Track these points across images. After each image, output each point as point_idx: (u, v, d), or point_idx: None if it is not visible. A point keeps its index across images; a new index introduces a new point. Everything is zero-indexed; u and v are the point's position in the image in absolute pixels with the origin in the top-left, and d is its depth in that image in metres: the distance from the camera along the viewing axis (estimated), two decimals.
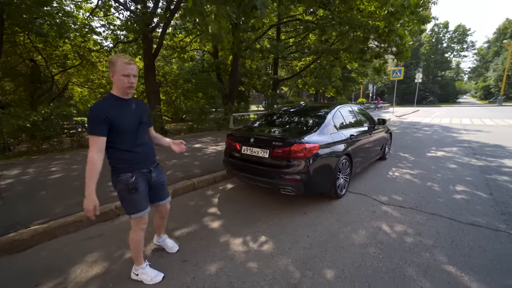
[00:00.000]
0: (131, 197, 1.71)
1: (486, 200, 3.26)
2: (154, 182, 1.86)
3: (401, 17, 7.24)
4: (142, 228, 1.81)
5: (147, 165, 1.80)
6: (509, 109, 22.66)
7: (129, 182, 1.68)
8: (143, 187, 1.75)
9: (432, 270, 1.95)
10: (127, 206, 1.75)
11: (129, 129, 1.66)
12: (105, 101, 1.63)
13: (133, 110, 1.70)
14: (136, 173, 1.72)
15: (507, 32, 42.45)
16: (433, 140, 7.91)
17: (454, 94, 45.01)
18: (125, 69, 1.55)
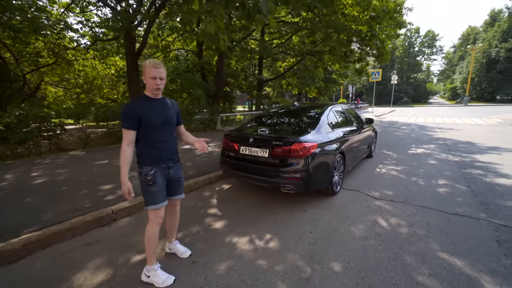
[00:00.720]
0: (149, 189, 1.81)
1: (465, 192, 3.55)
2: (171, 178, 1.95)
3: (382, 22, 7.65)
4: (158, 222, 1.87)
5: (166, 161, 1.89)
6: (474, 108, 24.63)
7: (147, 175, 1.80)
8: (161, 181, 1.84)
9: (429, 258, 2.11)
10: (145, 197, 1.86)
11: (154, 126, 1.79)
12: (138, 100, 1.81)
13: (160, 109, 1.82)
14: (155, 167, 1.82)
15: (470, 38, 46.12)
16: (412, 138, 8.42)
17: (426, 95, 48.02)
18: (152, 72, 1.71)
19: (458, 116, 16.19)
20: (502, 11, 38.89)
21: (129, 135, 1.75)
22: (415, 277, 1.89)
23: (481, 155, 5.68)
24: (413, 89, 45.49)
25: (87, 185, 3.70)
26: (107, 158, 5.44)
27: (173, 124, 1.95)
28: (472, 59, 35.68)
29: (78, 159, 5.50)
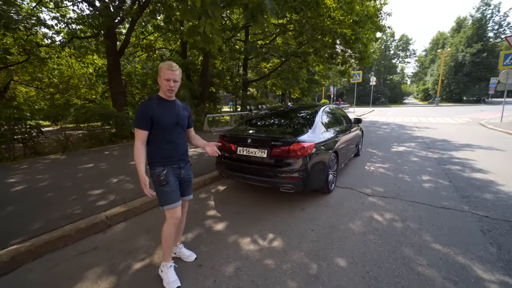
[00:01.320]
0: (162, 189, 1.82)
1: (448, 186, 3.81)
2: (183, 178, 1.96)
3: (364, 26, 7.97)
4: (174, 222, 1.88)
5: (177, 161, 1.90)
6: (444, 108, 26.37)
7: (160, 175, 1.80)
8: (174, 181, 1.86)
9: (425, 249, 2.25)
10: (159, 197, 1.86)
11: (166, 127, 1.81)
12: (151, 101, 1.80)
13: (172, 111, 1.84)
14: (167, 168, 1.83)
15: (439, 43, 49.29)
16: (393, 137, 8.85)
17: (401, 95, 50.59)
18: (167, 74, 1.73)
19: (431, 116, 17.26)
20: (466, 18, 41.97)
21: (142, 135, 1.76)
22: (415, 268, 2.01)
23: (457, 152, 6.11)
24: (390, 90, 47.77)
25: (75, 191, 3.50)
26: (91, 162, 5.17)
27: (184, 126, 1.96)
28: (442, 63, 38.19)
29: (59, 163, 5.18)
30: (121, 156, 5.78)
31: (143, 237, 2.56)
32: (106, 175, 4.21)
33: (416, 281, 1.86)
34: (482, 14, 37.79)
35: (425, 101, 45.39)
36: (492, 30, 38.51)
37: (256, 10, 2.43)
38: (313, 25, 7.34)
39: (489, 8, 37.78)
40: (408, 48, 51.24)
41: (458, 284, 1.81)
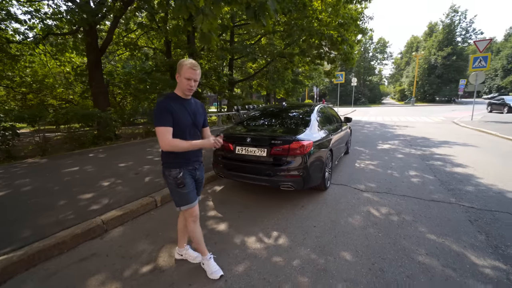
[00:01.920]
0: (179, 191, 1.81)
1: (434, 180, 4.04)
2: (197, 179, 1.96)
3: (349, 28, 8.25)
4: (194, 220, 1.90)
5: (192, 163, 1.88)
6: (420, 108, 27.89)
7: (177, 177, 1.79)
8: (190, 182, 1.85)
9: (422, 240, 2.37)
10: (176, 198, 1.85)
11: (182, 127, 1.76)
12: (169, 99, 1.75)
13: (189, 110, 1.81)
14: (183, 169, 1.81)
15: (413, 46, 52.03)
16: (377, 135, 9.23)
17: (380, 96, 52.75)
18: (188, 73, 1.69)
19: (409, 115, 18.19)
20: (437, 24, 44.69)
21: (167, 133, 1.66)
22: (415, 257, 2.12)
23: (437, 149, 6.49)
24: (369, 91, 49.65)
25: (64, 196, 3.31)
26: (76, 165, 4.90)
27: (200, 125, 1.94)
28: (416, 65, 40.38)
29: (40, 167, 4.86)
30: (108, 158, 5.53)
31: (143, 241, 2.47)
32: (95, 178, 4.01)
33: (419, 269, 1.97)
34: (451, 20, 40.41)
35: (402, 101, 47.69)
36: (460, 35, 41.30)
37: (259, 10, 2.44)
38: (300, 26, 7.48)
39: (457, 14, 40.49)
40: (385, 51, 53.66)
41: (457, 271, 1.94)
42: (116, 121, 8.20)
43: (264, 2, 2.40)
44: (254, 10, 2.44)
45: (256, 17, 2.48)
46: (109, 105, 9.10)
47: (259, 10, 2.42)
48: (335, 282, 1.85)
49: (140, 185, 3.73)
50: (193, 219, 1.89)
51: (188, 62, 1.70)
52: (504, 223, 2.63)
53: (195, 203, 1.88)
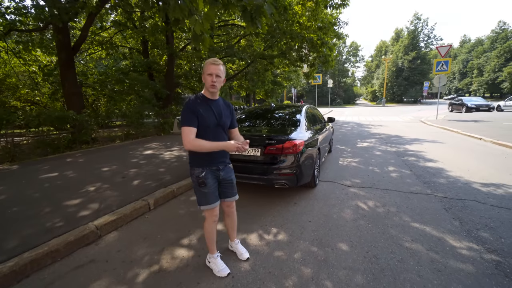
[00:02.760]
0: (201, 190, 1.85)
1: (410, 175, 4.41)
2: (222, 180, 1.95)
3: (327, 32, 8.64)
4: (214, 220, 1.94)
5: (216, 163, 1.89)
6: (390, 108, 29.76)
7: (199, 177, 1.82)
8: (212, 182, 1.86)
9: (406, 228, 2.61)
10: (197, 197, 1.90)
11: (207, 127, 1.79)
12: (195, 99, 1.80)
13: (215, 111, 1.82)
14: (206, 169, 1.84)
15: (382, 50, 55.35)
16: (355, 134, 9.74)
17: (353, 97, 55.44)
18: (209, 68, 1.72)
19: (381, 115, 19.37)
20: (403, 30, 48.07)
21: (190, 133, 1.71)
22: (403, 244, 2.33)
23: (410, 145, 7.04)
24: (344, 92, 51.94)
25: (47, 203, 3.12)
26: (54, 170, 4.60)
27: (226, 127, 1.93)
28: (386, 68, 43.07)
29: (12, 174, 4.49)
30: (89, 162, 5.26)
31: (142, 244, 2.43)
32: (79, 184, 3.82)
33: (407, 254, 2.18)
34: (414, 26, 43.70)
35: (373, 102, 50.54)
36: (423, 41, 44.80)
37: (256, 13, 2.52)
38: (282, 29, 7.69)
39: (420, 22, 43.91)
40: (358, 54, 56.48)
41: (439, 253, 2.17)
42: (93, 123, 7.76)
43: (261, 6, 2.49)
44: (251, 13, 2.51)
45: (253, 20, 2.55)
46: (84, 107, 8.61)
47: (256, 13, 2.50)
48: (336, 271, 1.99)
49: (130, 189, 3.62)
50: (213, 219, 1.93)
51: (210, 59, 1.75)
52: (473, 210, 2.98)
53: (215, 205, 1.89)
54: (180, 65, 14.39)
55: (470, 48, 54.56)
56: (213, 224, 1.95)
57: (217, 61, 1.74)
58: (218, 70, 1.73)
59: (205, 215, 1.95)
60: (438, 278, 1.87)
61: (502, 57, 41.90)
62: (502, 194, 3.42)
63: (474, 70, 49.39)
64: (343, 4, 7.56)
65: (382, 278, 1.89)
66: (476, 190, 3.58)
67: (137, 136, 9.22)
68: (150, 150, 6.52)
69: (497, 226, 2.61)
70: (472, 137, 8.01)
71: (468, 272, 1.93)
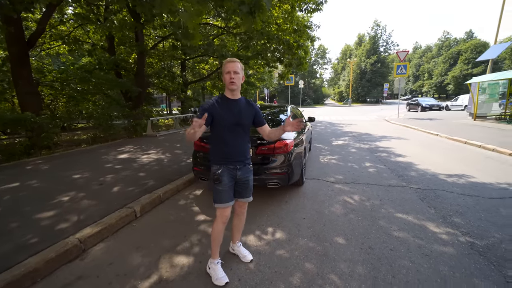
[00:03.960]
0: (216, 187, 1.85)
1: (385, 169, 4.76)
2: (239, 180, 1.93)
3: (302, 35, 8.93)
4: (224, 221, 1.91)
5: (234, 162, 1.88)
6: (356, 108, 31.74)
7: (215, 173, 1.84)
8: (227, 181, 1.85)
9: (392, 218, 2.82)
10: (213, 194, 1.88)
11: (225, 126, 1.81)
12: (215, 99, 1.85)
13: (234, 111, 1.82)
14: (223, 167, 1.85)
15: (347, 53, 58.74)
16: (329, 133, 10.21)
17: (322, 97, 57.94)
18: (227, 67, 1.77)
19: (349, 114, 20.58)
20: (365, 35, 51.62)
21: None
22: (392, 233, 2.52)
23: (380, 142, 7.60)
24: (313, 93, 54.05)
25: (13, 217, 2.75)
26: (14, 180, 4.07)
27: (246, 126, 1.91)
28: (351, 70, 45.85)
29: None
30: (55, 169, 4.75)
31: (135, 254, 2.28)
32: (49, 194, 3.43)
33: (397, 242, 2.35)
34: (375, 32, 47.21)
35: (341, 102, 53.42)
36: (382, 46, 48.59)
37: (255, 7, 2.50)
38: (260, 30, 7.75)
39: (380, 28, 47.58)
40: (325, 56, 59.24)
41: (424, 239, 2.39)
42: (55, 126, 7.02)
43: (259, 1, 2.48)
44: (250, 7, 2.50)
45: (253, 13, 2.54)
46: (42, 108, 7.75)
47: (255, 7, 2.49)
48: (337, 264, 2.08)
49: (111, 196, 3.35)
50: (222, 220, 1.90)
51: (227, 58, 1.80)
52: (443, 198, 3.32)
53: (228, 204, 1.87)
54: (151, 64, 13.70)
55: (421, 54, 60.69)
56: (222, 226, 1.92)
57: (233, 59, 1.79)
58: (235, 67, 1.76)
59: (216, 213, 1.91)
60: (427, 262, 2.06)
61: (447, 62, 47.31)
62: (464, 183, 3.87)
63: (425, 74, 55.05)
64: (317, 8, 7.89)
65: (380, 267, 2.02)
66: (442, 181, 3.99)
67: (106, 139, 8.55)
68: (125, 154, 6.11)
69: (465, 211, 2.95)
70: (431, 134, 8.92)
71: (451, 254, 2.15)
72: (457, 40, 51.13)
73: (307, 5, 7.82)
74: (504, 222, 2.66)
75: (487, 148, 6.13)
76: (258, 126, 2.01)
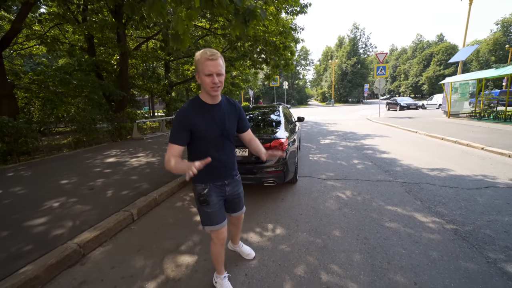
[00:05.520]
0: (203, 209, 1.60)
1: (372, 166, 5.00)
2: (230, 195, 1.71)
3: (288, 36, 9.12)
4: (221, 242, 1.69)
5: (222, 178, 1.63)
6: (338, 108, 32.69)
7: (201, 194, 1.57)
8: (216, 200, 1.61)
9: (383, 210, 3.00)
10: (201, 216, 1.66)
11: (207, 138, 1.49)
12: (191, 107, 1.45)
13: (217, 119, 1.49)
14: (210, 186, 1.58)
15: (328, 55, 60.38)
16: (316, 132, 10.49)
17: (305, 98, 59.11)
18: (207, 66, 1.33)
19: (333, 114, 21.20)
20: (345, 37, 53.40)
21: (176, 151, 1.40)
22: (384, 224, 2.68)
23: (365, 140, 7.93)
24: (297, 93, 55.03)
25: (3, 225, 2.62)
26: None
27: (231, 136, 1.61)
28: (333, 71, 47.20)
29: None
30: (39, 175, 4.53)
31: (138, 257, 2.26)
32: (37, 201, 3.29)
33: (390, 232, 2.52)
34: (354, 35, 48.95)
35: (324, 102, 54.76)
36: (361, 48, 50.50)
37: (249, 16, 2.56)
38: None
39: (358, 31, 49.41)
40: (308, 58, 60.52)
41: (413, 228, 2.57)
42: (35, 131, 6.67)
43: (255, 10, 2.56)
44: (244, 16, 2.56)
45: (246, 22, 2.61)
46: (18, 112, 7.33)
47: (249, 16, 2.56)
48: (337, 254, 2.19)
49: (105, 200, 3.28)
50: (219, 242, 1.67)
51: (203, 53, 1.34)
52: (427, 191, 3.57)
53: (221, 225, 1.63)
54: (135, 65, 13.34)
55: (397, 55, 63.71)
56: (221, 247, 1.71)
57: (214, 55, 1.33)
58: (218, 67, 1.35)
59: (211, 235, 1.70)
60: (418, 248, 2.23)
61: (421, 63, 50.06)
62: (444, 176, 4.17)
63: (402, 75, 57.87)
64: (302, 11, 8.11)
65: (376, 255, 2.16)
66: (425, 175, 4.28)
67: (90, 143, 8.24)
68: (112, 158, 5.93)
69: (447, 201, 3.19)
70: (410, 131, 9.44)
71: (438, 241, 2.34)
72: (429, 42, 54.30)
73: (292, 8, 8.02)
74: (481, 210, 2.92)
75: (462, 143, 6.61)
76: (241, 132, 1.70)
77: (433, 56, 47.81)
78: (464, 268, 1.95)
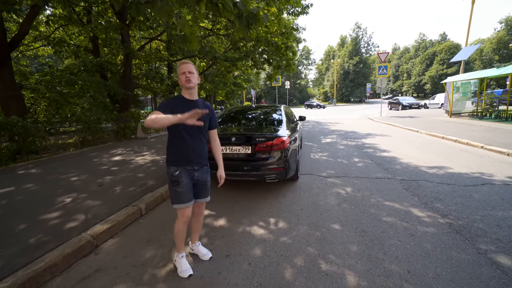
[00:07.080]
0: (174, 188, 1.87)
1: (372, 164, 5.11)
2: (197, 181, 1.97)
3: (289, 37, 9.23)
4: (184, 221, 1.95)
5: (192, 163, 1.90)
6: (340, 107, 32.71)
7: (173, 175, 1.85)
8: (186, 182, 1.87)
9: (381, 206, 3.11)
10: (171, 195, 1.92)
11: (183, 127, 1.81)
12: (174, 99, 1.88)
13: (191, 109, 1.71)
14: (181, 169, 1.86)
15: (330, 54, 60.32)
16: (317, 131, 10.59)
17: (307, 97, 59.14)
18: (181, 68, 1.81)
19: (335, 114, 21.24)
20: (347, 37, 53.34)
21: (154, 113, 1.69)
22: (381, 218, 2.80)
23: (365, 139, 8.03)
24: (299, 93, 55.11)
25: (19, 219, 2.78)
26: (8, 185, 4.02)
27: (205, 128, 1.96)
28: (335, 71, 47.16)
29: None
30: (49, 173, 4.70)
31: (147, 247, 2.40)
32: (49, 196, 3.45)
33: (387, 226, 2.63)
34: (356, 34, 48.88)
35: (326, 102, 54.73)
36: (363, 47, 50.41)
37: (252, 20, 2.69)
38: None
39: (360, 30, 49.32)
40: (310, 57, 60.50)
41: (409, 222, 2.69)
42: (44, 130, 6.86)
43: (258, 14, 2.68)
44: (248, 19, 2.68)
45: (249, 25, 2.73)
46: (25, 112, 7.52)
47: (252, 20, 2.68)
48: (335, 246, 2.32)
49: (114, 196, 3.43)
50: (183, 220, 1.93)
51: (180, 63, 1.84)
52: (425, 188, 3.67)
53: (188, 204, 1.89)
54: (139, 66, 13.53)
55: (400, 55, 63.46)
56: (184, 225, 1.96)
57: (186, 61, 1.83)
58: (188, 67, 1.79)
59: (177, 214, 1.95)
60: (413, 240, 2.35)
61: (424, 63, 49.82)
62: (442, 173, 4.27)
63: (404, 74, 57.62)
64: (303, 12, 8.22)
65: (372, 246, 2.28)
66: (424, 172, 4.38)
67: (95, 142, 8.42)
68: (118, 156, 6.10)
69: (443, 198, 3.30)
70: (411, 130, 9.51)
71: (432, 233, 2.46)
72: (432, 41, 54.02)
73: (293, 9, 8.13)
74: (476, 205, 3.02)
75: (462, 142, 6.68)
76: (210, 129, 2.05)
77: (436, 55, 47.59)
78: (455, 258, 2.06)
